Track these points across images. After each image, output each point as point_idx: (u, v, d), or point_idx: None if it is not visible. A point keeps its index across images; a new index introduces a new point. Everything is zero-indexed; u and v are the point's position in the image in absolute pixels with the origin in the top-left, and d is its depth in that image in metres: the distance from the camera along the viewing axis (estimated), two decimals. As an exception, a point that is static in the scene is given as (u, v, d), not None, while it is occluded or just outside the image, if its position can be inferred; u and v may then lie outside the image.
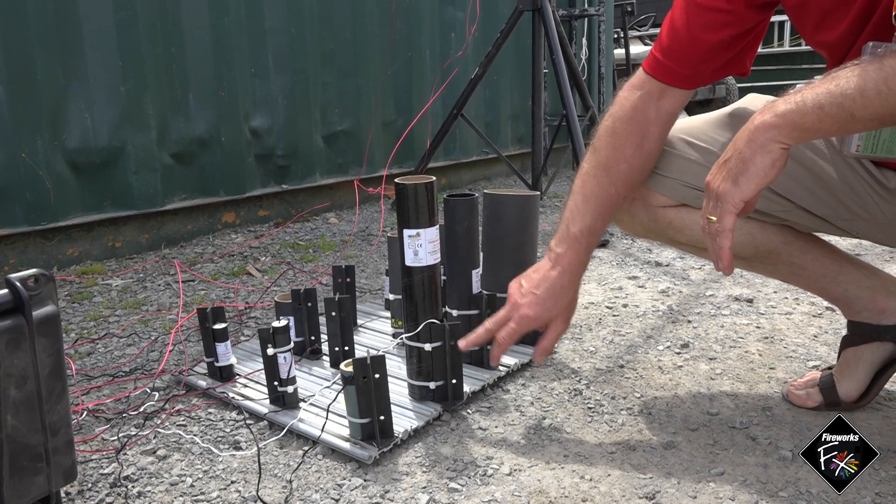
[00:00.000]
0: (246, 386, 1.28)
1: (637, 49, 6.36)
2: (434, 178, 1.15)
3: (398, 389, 1.23)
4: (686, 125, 1.14)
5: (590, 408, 1.21)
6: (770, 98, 1.11)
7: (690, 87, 1.06)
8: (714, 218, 0.86)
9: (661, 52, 1.04)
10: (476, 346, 1.14)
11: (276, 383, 1.18)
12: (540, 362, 1.16)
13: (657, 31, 7.33)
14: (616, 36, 5.63)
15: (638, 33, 6.87)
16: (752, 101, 1.11)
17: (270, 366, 1.17)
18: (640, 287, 1.91)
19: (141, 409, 1.22)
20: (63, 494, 0.97)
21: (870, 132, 0.88)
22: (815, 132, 0.80)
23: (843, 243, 2.12)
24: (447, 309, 1.35)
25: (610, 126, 1.08)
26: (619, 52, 5.72)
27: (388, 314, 1.60)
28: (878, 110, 0.75)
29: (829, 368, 1.19)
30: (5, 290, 0.78)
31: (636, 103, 1.06)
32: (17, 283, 0.77)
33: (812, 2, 0.94)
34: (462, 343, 1.14)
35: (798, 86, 0.83)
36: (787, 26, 8.49)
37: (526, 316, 1.09)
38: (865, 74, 0.75)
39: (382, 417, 1.06)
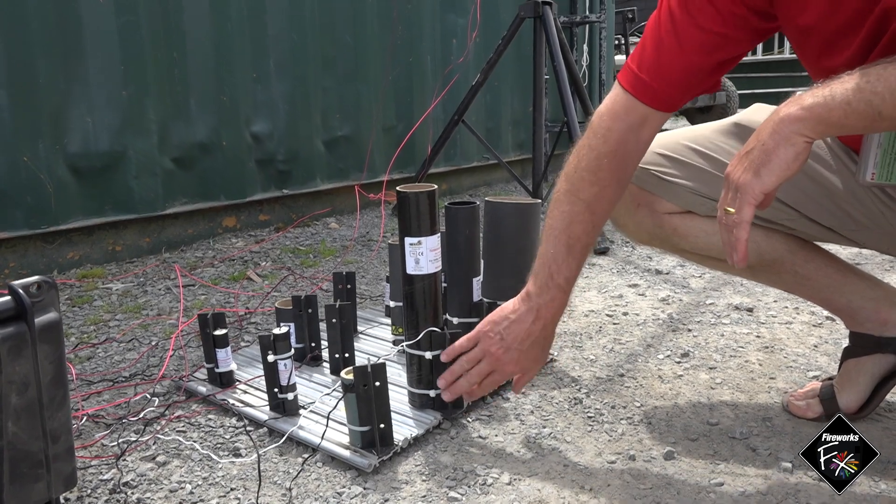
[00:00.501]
0: (246, 392, 1.28)
1: (638, 56, 6.36)
2: (435, 186, 1.15)
3: (398, 397, 1.23)
4: (692, 133, 1.14)
5: (590, 417, 1.21)
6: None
7: (673, 110, 1.02)
8: (732, 210, 0.84)
9: (647, 73, 0.98)
10: (459, 395, 1.12)
11: (276, 390, 1.18)
12: (518, 393, 1.16)
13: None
14: (617, 42, 5.64)
15: (639, 39, 6.89)
16: (758, 110, 1.12)
17: (271, 372, 1.17)
18: (640, 295, 1.91)
19: (141, 415, 1.22)
20: (63, 501, 0.97)
21: (884, 160, 0.87)
22: (840, 128, 0.78)
23: (843, 252, 2.12)
24: (448, 317, 1.35)
25: (595, 162, 1.02)
26: (620, 58, 5.73)
27: (389, 321, 1.60)
28: None
29: (830, 379, 1.19)
30: (8, 297, 0.78)
31: (620, 137, 1.01)
32: (20, 290, 0.78)
33: (818, 28, 0.91)
34: (447, 396, 1.12)
35: (798, 94, 0.82)
36: (788, 34, 8.49)
37: (512, 372, 1.09)
38: None
39: (382, 425, 1.06)
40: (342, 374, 1.06)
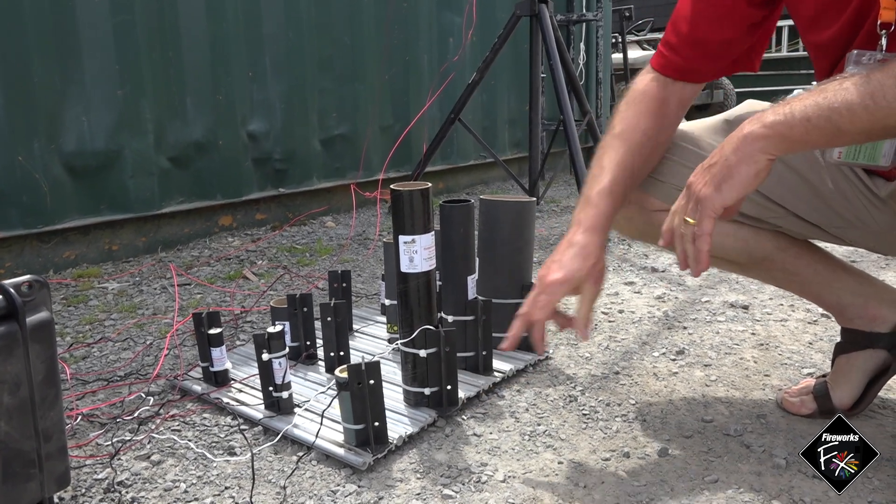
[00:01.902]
0: (241, 391, 1.28)
1: (635, 54, 6.37)
2: (430, 184, 1.15)
3: (393, 395, 1.23)
4: (682, 131, 1.14)
5: (584, 414, 1.21)
6: (767, 105, 1.12)
7: (699, 80, 1.08)
8: (692, 220, 0.86)
9: (668, 49, 1.06)
10: (518, 339, 1.01)
11: (270, 389, 1.18)
12: (586, 336, 1.03)
13: (655, 35, 7.32)
14: (614, 41, 5.64)
15: (636, 38, 6.89)
16: (750, 107, 1.12)
17: (265, 371, 1.17)
18: (636, 293, 1.91)
19: (135, 414, 1.22)
20: (56, 500, 0.97)
21: None
22: (802, 144, 0.80)
23: (839, 249, 2.13)
24: (443, 315, 1.35)
25: (625, 102, 1.10)
26: (618, 56, 5.73)
27: (384, 319, 1.60)
28: (865, 124, 0.76)
29: (824, 376, 1.19)
30: (-1, 297, 0.78)
31: (649, 83, 1.08)
32: (11, 290, 0.77)
33: (806, 1, 0.95)
34: (505, 345, 1.01)
35: (796, 92, 0.83)
36: (786, 31, 8.52)
37: (554, 281, 0.98)
38: (853, 88, 0.76)
39: (377, 423, 1.06)
40: (336, 372, 1.06)
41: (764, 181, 0.84)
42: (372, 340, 1.52)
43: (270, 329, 1.16)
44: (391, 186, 1.14)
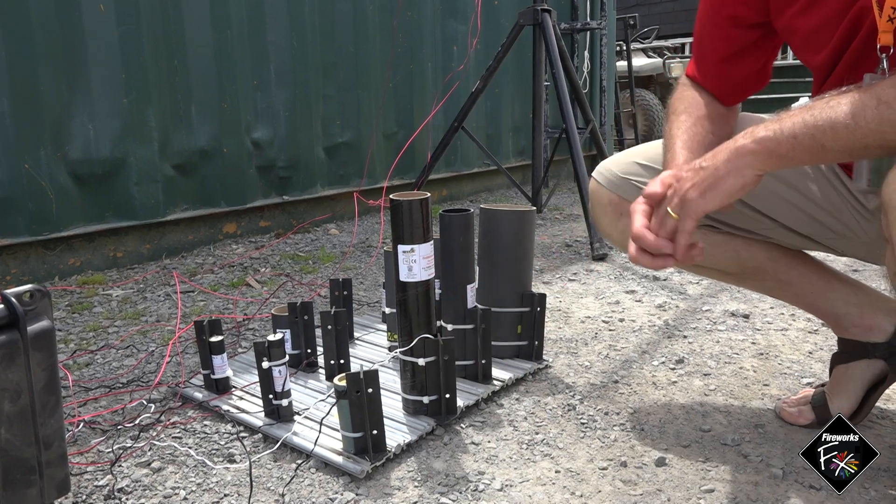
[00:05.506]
0: (241, 398, 1.29)
1: (639, 62, 6.37)
2: (428, 194, 1.16)
3: (392, 403, 1.23)
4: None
5: (583, 423, 1.21)
6: (761, 117, 1.13)
7: (723, 98, 1.10)
8: (675, 215, 0.87)
9: (694, 64, 1.13)
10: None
11: (270, 396, 1.19)
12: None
13: (661, 43, 7.31)
14: (618, 49, 5.64)
15: (641, 46, 6.89)
16: (740, 122, 1.13)
17: (265, 379, 1.18)
18: (637, 301, 1.91)
19: (137, 421, 1.23)
20: (57, 506, 0.98)
21: (877, 167, 0.89)
22: (789, 160, 0.81)
23: (842, 260, 2.12)
24: (442, 323, 1.36)
25: (675, 107, 1.10)
26: (622, 64, 5.74)
27: (385, 327, 1.61)
28: (847, 144, 0.77)
29: (822, 386, 1.19)
30: (1, 306, 0.79)
31: (696, 95, 1.11)
32: (13, 299, 0.79)
33: (800, 24, 0.95)
34: (679, 256, 0.89)
35: (801, 101, 0.84)
36: (791, 39, 8.46)
37: (692, 196, 0.87)
38: (837, 108, 0.77)
39: (375, 432, 1.07)
40: (335, 380, 1.06)
41: (749, 192, 0.85)
42: (372, 348, 1.53)
43: (271, 337, 1.17)
44: (390, 196, 1.15)
